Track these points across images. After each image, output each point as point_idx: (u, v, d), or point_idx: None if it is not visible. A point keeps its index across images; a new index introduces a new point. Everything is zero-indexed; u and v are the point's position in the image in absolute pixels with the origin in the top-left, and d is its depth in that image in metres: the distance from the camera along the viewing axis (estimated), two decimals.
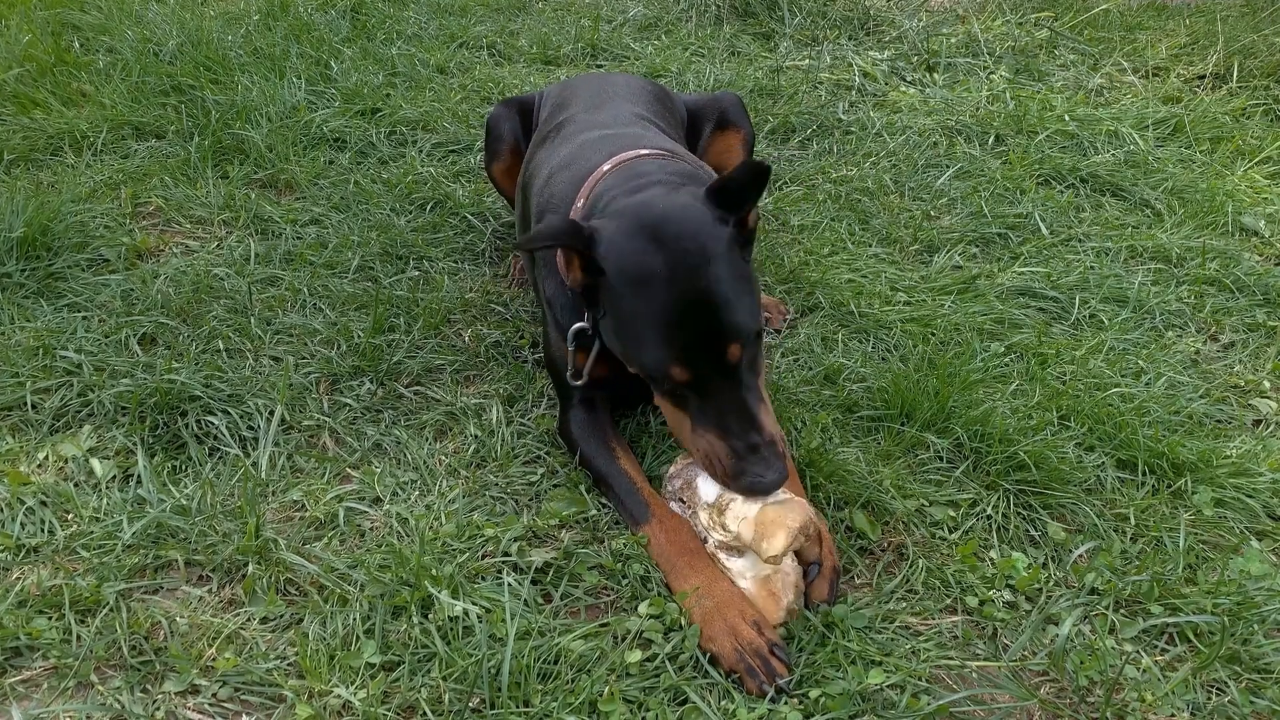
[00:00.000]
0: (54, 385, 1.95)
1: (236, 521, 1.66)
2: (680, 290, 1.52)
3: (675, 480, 1.68)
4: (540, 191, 1.99)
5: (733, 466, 1.53)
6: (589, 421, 1.82)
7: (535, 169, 2.11)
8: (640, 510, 1.67)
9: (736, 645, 1.45)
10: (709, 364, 1.53)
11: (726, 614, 1.48)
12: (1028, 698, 1.46)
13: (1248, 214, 2.95)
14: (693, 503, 1.63)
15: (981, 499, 1.83)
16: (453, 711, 1.37)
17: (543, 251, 1.89)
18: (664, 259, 1.54)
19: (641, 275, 1.54)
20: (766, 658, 1.43)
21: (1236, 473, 1.91)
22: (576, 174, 1.88)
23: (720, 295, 1.53)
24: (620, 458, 1.76)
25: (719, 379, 1.53)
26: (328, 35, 3.74)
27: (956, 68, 3.97)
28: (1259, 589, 1.65)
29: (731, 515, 1.54)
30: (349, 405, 1.99)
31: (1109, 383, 2.14)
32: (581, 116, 2.22)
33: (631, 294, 1.55)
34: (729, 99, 2.62)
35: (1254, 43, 4.07)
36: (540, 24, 4.27)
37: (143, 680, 1.41)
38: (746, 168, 1.61)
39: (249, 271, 2.38)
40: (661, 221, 1.58)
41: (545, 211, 1.92)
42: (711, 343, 1.52)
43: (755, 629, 1.46)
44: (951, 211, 2.90)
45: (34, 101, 3.10)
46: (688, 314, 1.52)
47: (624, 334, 1.60)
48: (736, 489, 1.54)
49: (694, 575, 1.55)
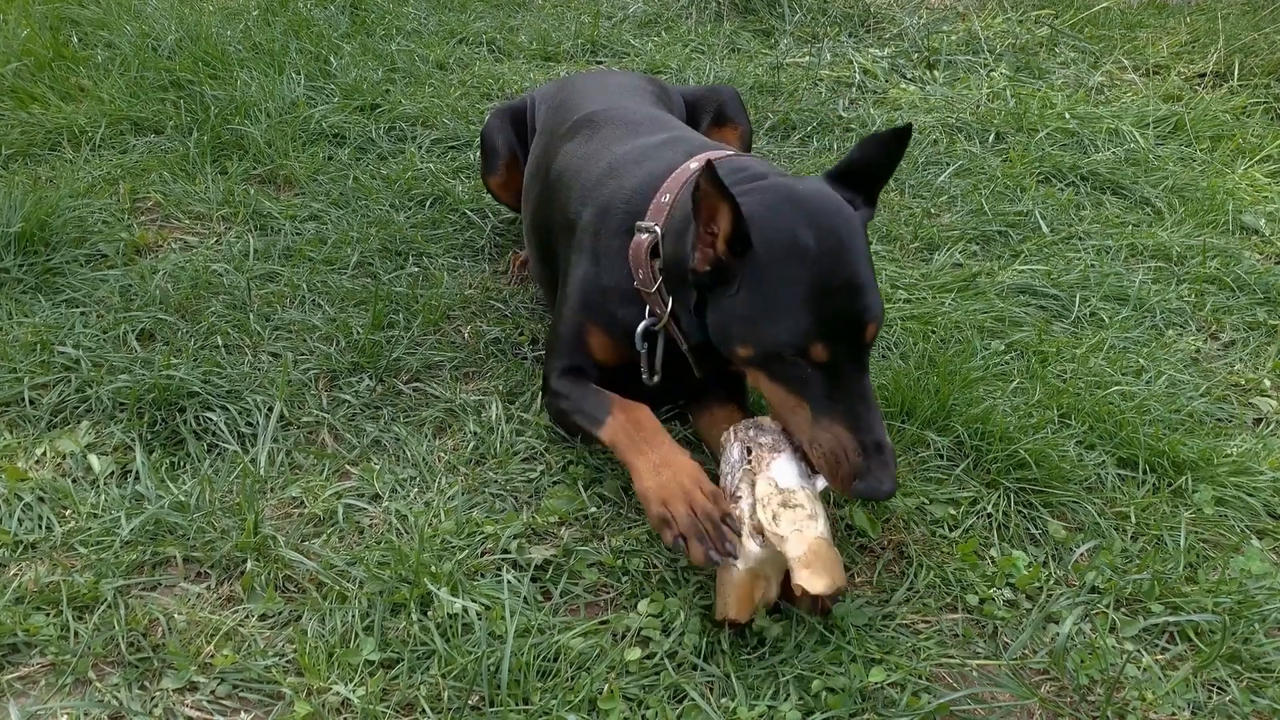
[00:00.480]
0: (52, 381, 1.94)
1: (235, 518, 1.66)
2: (829, 266, 1.52)
3: (764, 434, 1.60)
4: (594, 188, 1.93)
5: (858, 465, 1.48)
6: (570, 375, 1.87)
7: (574, 164, 2.04)
8: (602, 408, 1.73)
9: (690, 510, 1.49)
10: (846, 343, 1.51)
11: (682, 480, 1.53)
12: (1028, 696, 1.46)
13: (1248, 212, 2.95)
14: (761, 464, 1.55)
15: (982, 497, 1.82)
16: (452, 709, 1.37)
17: (591, 229, 1.88)
18: (813, 235, 1.53)
19: (790, 249, 1.53)
20: (718, 524, 1.47)
21: (1237, 471, 1.91)
22: (651, 171, 1.85)
23: (864, 275, 1.55)
24: (590, 385, 1.82)
25: (850, 362, 1.52)
26: (327, 30, 3.73)
27: (957, 65, 3.97)
28: (1260, 588, 1.64)
29: (791, 517, 1.48)
30: (348, 401, 1.98)
31: (1109, 381, 2.14)
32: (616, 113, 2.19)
33: (779, 267, 1.53)
34: (727, 93, 2.62)
35: (1255, 41, 4.07)
36: (540, 20, 4.26)
37: (141, 677, 1.41)
38: (876, 142, 1.64)
39: (248, 267, 2.37)
40: (803, 200, 1.59)
41: (608, 209, 1.88)
42: (852, 322, 1.52)
43: (711, 499, 1.50)
44: (952, 209, 2.89)
45: (32, 96, 3.09)
46: (833, 291, 1.51)
47: (762, 308, 1.55)
48: (854, 492, 1.48)
49: (652, 450, 1.60)
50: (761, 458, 1.56)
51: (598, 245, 1.86)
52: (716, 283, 1.61)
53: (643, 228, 1.75)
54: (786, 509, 1.49)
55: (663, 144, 1.96)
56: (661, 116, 2.22)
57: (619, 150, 1.98)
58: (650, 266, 1.74)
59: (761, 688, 1.42)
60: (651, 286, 1.74)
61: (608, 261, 1.84)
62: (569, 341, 1.89)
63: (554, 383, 1.88)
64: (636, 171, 1.88)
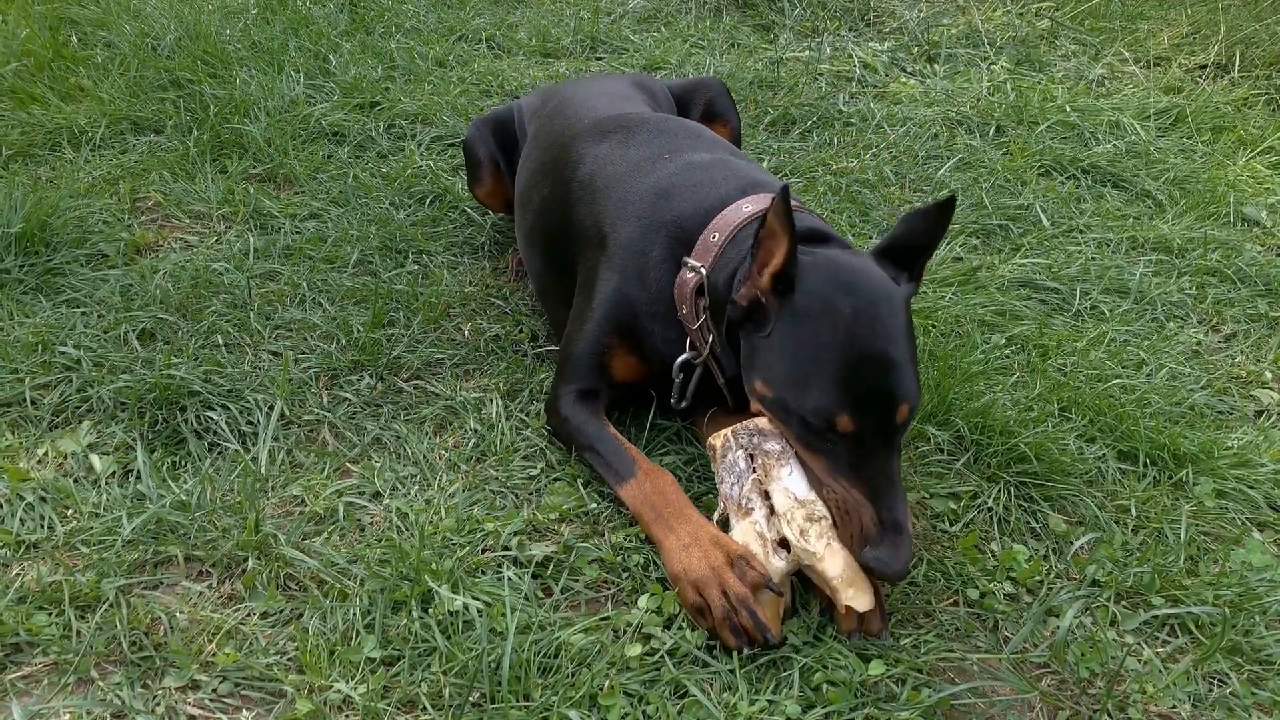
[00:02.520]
0: (53, 381, 1.95)
1: (236, 517, 1.66)
2: (865, 339, 1.50)
3: (769, 440, 1.57)
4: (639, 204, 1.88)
5: (872, 534, 1.43)
6: (582, 401, 1.84)
7: (612, 171, 1.98)
8: (626, 466, 1.70)
9: (722, 596, 1.45)
10: (875, 421, 1.48)
11: (714, 561, 1.48)
12: (1029, 690, 1.46)
13: (1249, 204, 2.94)
14: (770, 474, 1.53)
15: (982, 491, 1.82)
16: (453, 706, 1.37)
17: (635, 249, 1.84)
18: (853, 304, 1.52)
19: (830, 310, 1.52)
20: (753, 610, 1.43)
21: (1238, 464, 1.91)
22: (703, 201, 1.83)
23: (900, 354, 1.52)
24: (607, 426, 1.79)
25: (878, 440, 1.48)
26: (326, 29, 3.73)
27: (957, 59, 3.96)
28: (1260, 580, 1.64)
29: (819, 530, 1.45)
30: (348, 400, 1.98)
31: (1110, 374, 2.14)
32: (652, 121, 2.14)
33: (815, 325, 1.52)
34: (715, 87, 2.61)
35: (1256, 32, 4.06)
36: (539, 16, 4.26)
37: (143, 676, 1.41)
38: (920, 217, 1.63)
39: (248, 266, 2.37)
40: (848, 269, 1.58)
41: (655, 231, 1.84)
42: (883, 400, 1.48)
43: (743, 580, 1.45)
44: None
45: (32, 96, 3.09)
46: (867, 364, 1.49)
47: (790, 362, 1.54)
48: (868, 556, 1.43)
49: (680, 526, 1.56)
50: (769, 466, 1.55)
51: (642, 266, 1.84)
52: (751, 319, 1.61)
53: (690, 265, 1.75)
54: (812, 523, 1.47)
55: (712, 166, 1.92)
56: (691, 126, 2.18)
57: (667, 168, 1.93)
58: (695, 304, 1.74)
59: (762, 683, 1.42)
60: (694, 323, 1.75)
61: (651, 283, 1.83)
62: (588, 362, 1.86)
63: (565, 408, 1.83)
64: (689, 197, 1.85)
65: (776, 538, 1.49)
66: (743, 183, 1.86)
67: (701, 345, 1.76)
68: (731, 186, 1.85)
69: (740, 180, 1.87)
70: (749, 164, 2.02)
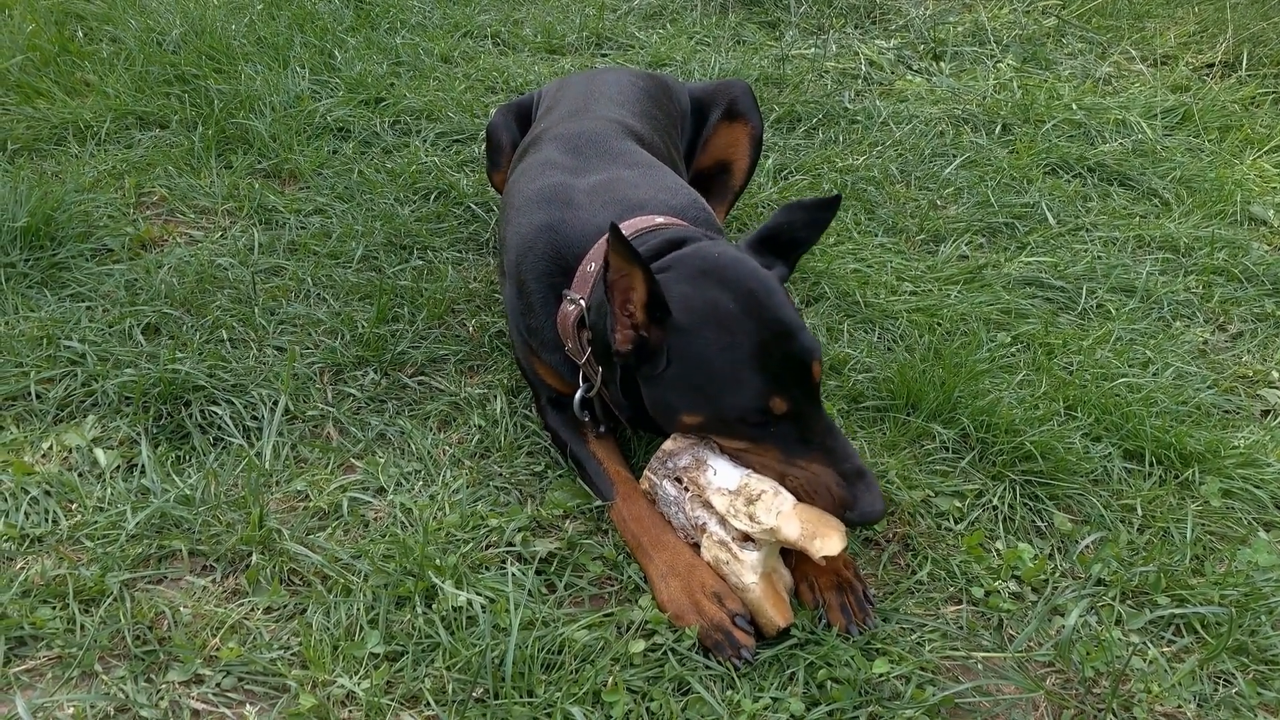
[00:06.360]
0: (58, 375, 1.95)
1: (240, 512, 1.66)
2: (758, 321, 1.51)
3: (680, 457, 1.60)
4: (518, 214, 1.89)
5: (846, 494, 1.47)
6: (560, 410, 1.86)
7: (509, 197, 2.01)
8: (605, 488, 1.71)
9: (700, 621, 1.47)
10: (799, 389, 1.50)
11: (691, 589, 1.51)
12: (1033, 689, 1.45)
13: (1256, 203, 2.93)
14: (699, 484, 1.55)
15: (987, 489, 1.82)
16: (456, 701, 1.37)
17: (514, 266, 1.84)
18: (732, 296, 1.53)
19: (715, 313, 1.52)
20: (730, 631, 1.46)
21: (1244, 463, 1.90)
22: (584, 226, 1.79)
23: (793, 320, 1.54)
24: (590, 441, 1.79)
25: (808, 404, 1.51)
26: (331, 24, 3.73)
27: (963, 56, 3.95)
28: (1266, 580, 1.64)
29: (764, 507, 1.47)
30: (353, 395, 1.98)
31: (1116, 373, 2.13)
32: (556, 133, 2.12)
33: (708, 334, 1.51)
34: (739, 87, 2.58)
35: (1263, 30, 4.04)
36: (545, 13, 4.25)
37: (147, 670, 1.41)
38: (800, 209, 1.64)
39: (253, 261, 2.37)
40: (717, 266, 1.57)
41: (529, 250, 1.82)
42: (799, 367, 1.51)
43: (716, 602, 1.49)
44: (958, 201, 2.88)
45: (38, 91, 3.10)
46: (771, 343, 1.50)
47: (702, 379, 1.52)
48: (851, 518, 1.46)
49: (657, 554, 1.57)
50: (694, 479, 1.57)
51: (528, 300, 1.83)
52: (642, 360, 1.57)
53: (570, 298, 1.71)
54: (753, 504, 1.49)
55: (597, 190, 1.87)
56: (608, 145, 2.07)
57: (561, 196, 1.87)
58: (578, 337, 1.71)
59: (766, 680, 1.42)
60: (581, 358, 1.71)
61: (540, 316, 1.81)
62: (532, 376, 1.91)
63: (550, 419, 1.87)
64: (572, 224, 1.80)
65: (737, 535, 1.51)
66: (624, 206, 1.82)
67: (593, 377, 1.71)
68: (611, 212, 1.80)
69: (622, 205, 1.82)
70: (651, 178, 1.95)
